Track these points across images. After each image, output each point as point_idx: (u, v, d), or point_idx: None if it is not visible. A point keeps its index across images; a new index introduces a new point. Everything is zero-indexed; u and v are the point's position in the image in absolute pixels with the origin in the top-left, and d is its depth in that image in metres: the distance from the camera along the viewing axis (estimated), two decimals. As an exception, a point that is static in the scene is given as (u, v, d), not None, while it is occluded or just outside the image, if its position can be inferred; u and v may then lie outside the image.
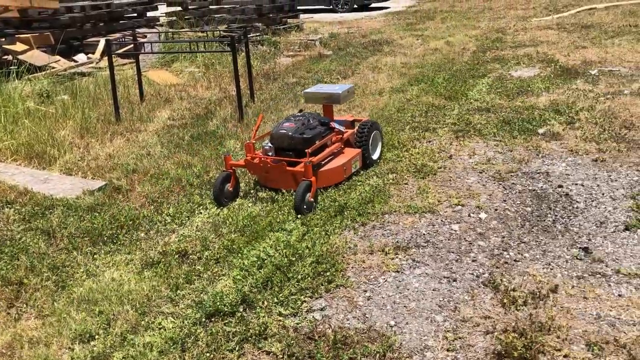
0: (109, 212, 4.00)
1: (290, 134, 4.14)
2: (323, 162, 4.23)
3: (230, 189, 4.12)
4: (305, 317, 2.81)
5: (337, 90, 4.64)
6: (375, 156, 4.64)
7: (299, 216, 3.77)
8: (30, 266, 3.33)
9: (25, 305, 3.00)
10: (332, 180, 4.23)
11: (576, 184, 4.18)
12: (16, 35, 9.04)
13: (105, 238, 3.67)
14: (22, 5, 8.77)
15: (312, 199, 3.90)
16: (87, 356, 2.57)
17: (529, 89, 6.77)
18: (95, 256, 3.48)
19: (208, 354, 2.56)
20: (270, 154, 4.16)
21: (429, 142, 5.20)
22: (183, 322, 2.77)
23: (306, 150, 4.05)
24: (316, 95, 4.69)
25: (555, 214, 3.77)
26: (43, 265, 3.34)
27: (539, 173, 4.41)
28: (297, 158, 4.10)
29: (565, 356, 2.47)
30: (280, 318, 2.80)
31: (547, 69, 7.71)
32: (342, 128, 4.45)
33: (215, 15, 11.81)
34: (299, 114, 4.45)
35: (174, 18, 12.34)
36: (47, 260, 3.39)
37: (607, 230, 3.52)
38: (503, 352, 2.49)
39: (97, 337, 2.71)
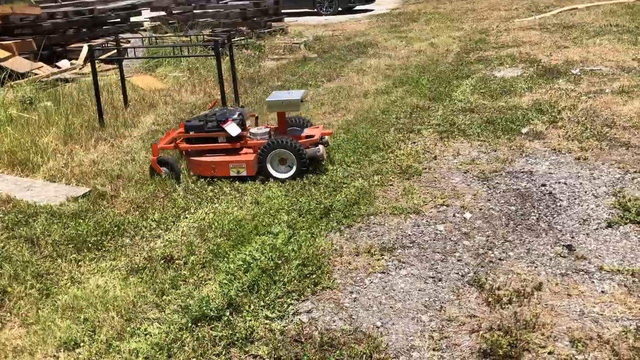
0: (94, 219, 3.98)
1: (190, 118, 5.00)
2: (209, 153, 4.67)
3: None
4: (292, 320, 2.81)
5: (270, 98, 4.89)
6: (282, 175, 4.52)
7: (283, 219, 3.78)
8: (14, 274, 3.30)
9: (9, 314, 2.97)
10: (199, 171, 4.62)
11: (559, 183, 4.23)
12: (-2, 42, 8.95)
13: (89, 245, 3.64)
14: (4, 11, 8.70)
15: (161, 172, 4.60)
16: (72, 364, 2.55)
17: (512, 89, 6.82)
18: (79, 263, 3.45)
19: (194, 359, 2.55)
20: None
21: (414, 143, 5.23)
22: (169, 328, 2.76)
23: (173, 135, 4.88)
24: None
25: (539, 212, 3.81)
26: (27, 273, 3.31)
27: (522, 172, 4.45)
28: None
29: (549, 353, 2.50)
30: (267, 321, 2.80)
31: (530, 69, 7.78)
32: (233, 132, 4.59)
33: (200, 20, 11.78)
34: (232, 107, 4.84)
35: (158, 23, 12.29)
36: (31, 268, 3.36)
37: (590, 228, 3.56)
38: (488, 351, 2.51)
39: (82, 344, 2.69)
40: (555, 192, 4.08)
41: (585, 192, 4.04)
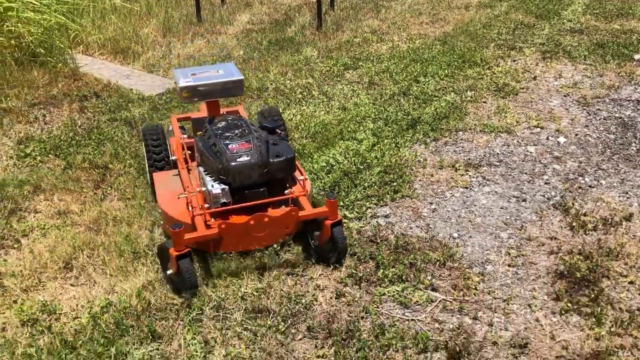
0: (187, 108, 4.13)
1: (258, 159, 2.58)
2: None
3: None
4: (369, 222, 2.88)
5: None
6: None
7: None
8: (114, 153, 3.54)
9: (109, 188, 3.22)
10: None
11: (669, 115, 3.93)
12: None
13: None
14: None
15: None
16: (163, 240, 2.76)
17: (630, 11, 6.25)
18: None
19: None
20: (224, 200, 2.57)
21: (514, 61, 4.97)
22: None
23: (300, 178, 2.74)
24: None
25: (641, 143, 3.59)
26: (126, 152, 3.54)
27: (628, 100, 4.16)
28: (272, 195, 2.64)
29: (630, 282, 2.43)
30: (345, 221, 2.88)
31: (654, -9, 7.05)
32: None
33: None
34: (224, 121, 2.82)
35: None
36: (130, 149, 3.59)
37: (696, 164, 3.33)
38: (565, 273, 2.47)
39: (173, 222, 2.88)
40: (663, 124, 3.81)
41: (697, 127, 3.75)
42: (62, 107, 4.24)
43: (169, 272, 2.38)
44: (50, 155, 3.57)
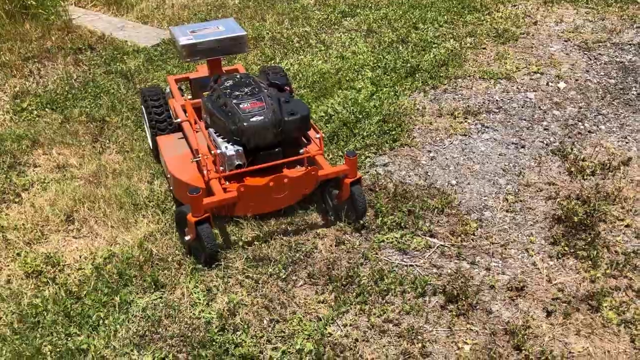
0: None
1: (272, 118, 2.48)
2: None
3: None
4: (368, 171, 2.88)
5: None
6: None
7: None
8: (111, 106, 3.51)
9: (108, 141, 3.22)
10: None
11: (671, 58, 3.88)
12: None
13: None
14: None
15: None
16: (162, 192, 2.77)
17: (635, -48, 6.08)
18: (170, 101, 3.61)
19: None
20: (239, 162, 2.48)
21: (514, 6, 4.87)
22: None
23: (316, 137, 2.59)
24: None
25: (642, 88, 3.56)
26: (123, 105, 3.52)
27: (630, 44, 4.10)
28: (287, 155, 2.55)
29: (627, 226, 2.46)
30: (344, 170, 2.88)
31: None
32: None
33: None
34: (231, 79, 2.66)
35: None
36: (127, 102, 3.56)
37: (697, 108, 3.31)
38: (563, 217, 2.50)
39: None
40: (664, 68, 3.77)
41: (699, 70, 3.71)
42: (57, 61, 4.19)
43: (187, 238, 2.32)
44: (46, 109, 3.55)
